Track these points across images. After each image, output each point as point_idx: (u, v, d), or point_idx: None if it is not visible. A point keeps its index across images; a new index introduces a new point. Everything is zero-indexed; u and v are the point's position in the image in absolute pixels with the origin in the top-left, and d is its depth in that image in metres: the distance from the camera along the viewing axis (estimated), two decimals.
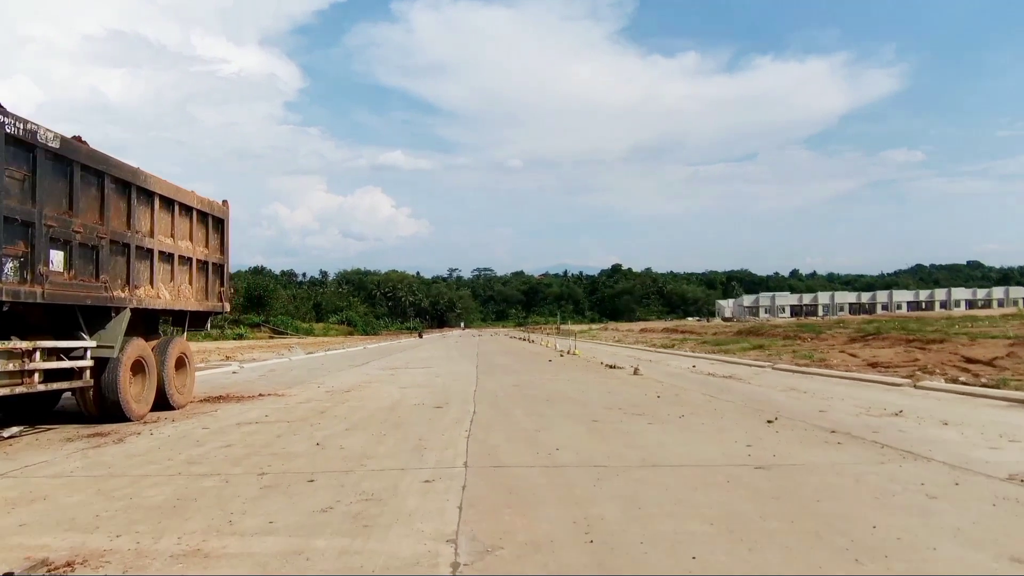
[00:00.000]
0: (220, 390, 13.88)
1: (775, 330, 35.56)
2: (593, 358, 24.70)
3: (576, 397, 11.51)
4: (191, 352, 11.32)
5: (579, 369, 18.68)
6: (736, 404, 10.18)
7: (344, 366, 22.33)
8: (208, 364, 24.50)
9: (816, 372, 15.77)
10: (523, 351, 32.43)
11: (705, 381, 14.52)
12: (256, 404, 11.25)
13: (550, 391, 12.61)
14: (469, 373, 17.84)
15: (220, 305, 12.33)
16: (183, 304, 10.85)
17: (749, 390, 12.31)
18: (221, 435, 7.96)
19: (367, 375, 17.81)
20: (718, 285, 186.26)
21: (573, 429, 7.99)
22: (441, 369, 19.70)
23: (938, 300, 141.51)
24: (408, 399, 11.57)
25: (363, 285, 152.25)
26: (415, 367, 20.97)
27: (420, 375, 17.33)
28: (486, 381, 15.04)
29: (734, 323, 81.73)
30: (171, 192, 10.44)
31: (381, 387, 14.02)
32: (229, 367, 22.31)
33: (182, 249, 10.84)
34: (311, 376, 17.78)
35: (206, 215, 11.80)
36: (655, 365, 20.12)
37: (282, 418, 9.36)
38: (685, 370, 17.97)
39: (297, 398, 12.10)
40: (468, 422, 8.63)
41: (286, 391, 13.47)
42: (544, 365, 20.99)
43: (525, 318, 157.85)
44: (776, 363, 18.78)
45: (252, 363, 25.55)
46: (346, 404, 10.97)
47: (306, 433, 8.00)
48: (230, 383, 15.91)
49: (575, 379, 15.31)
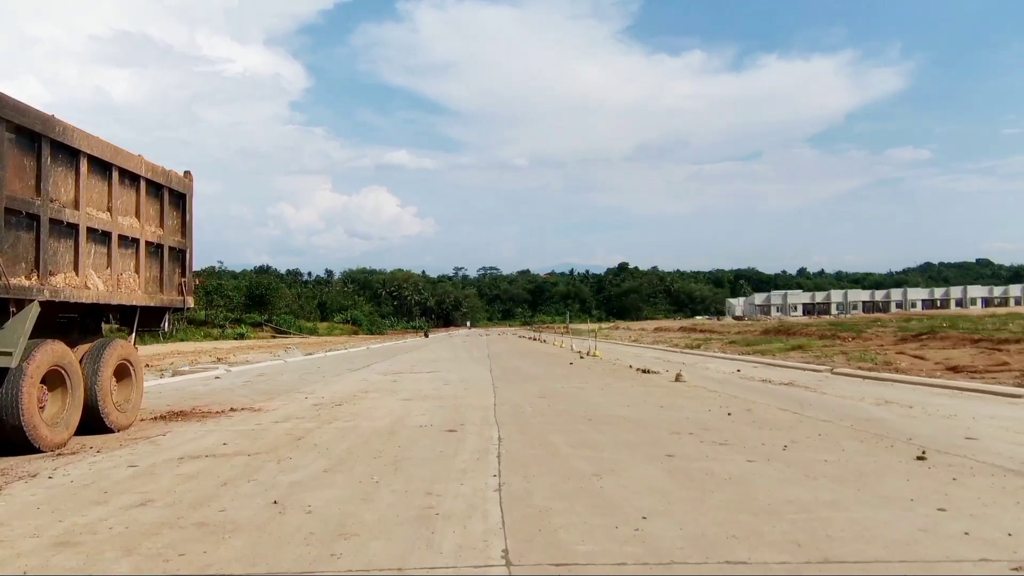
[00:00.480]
0: (188, 402, 11.55)
1: (806, 329, 33.08)
2: (617, 360, 22.31)
3: (624, 414, 9.13)
4: (138, 358, 8.97)
5: (608, 374, 16.29)
6: (838, 426, 7.78)
7: (342, 370, 19.98)
8: (193, 367, 22.21)
9: (894, 379, 13.34)
10: (537, 352, 30.06)
11: (766, 390, 12.14)
12: (220, 424, 8.90)
13: (588, 405, 10.23)
14: (483, 379, 15.47)
15: (180, 299, 9.99)
16: (125, 297, 8.50)
17: (833, 404, 9.90)
18: (145, 480, 5.61)
19: (365, 381, 15.45)
20: (726, 284, 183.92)
21: (645, 471, 5.61)
22: (450, 374, 17.33)
23: (953, 298, 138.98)
24: (412, 416, 9.20)
25: (368, 284, 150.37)
26: (421, 371, 18.61)
27: (426, 382, 14.96)
28: (505, 390, 12.67)
29: (754, 322, 79.15)
30: (107, 153, 8.09)
31: (380, 398, 11.66)
32: (214, 371, 20.00)
33: (124, 227, 8.49)
34: (302, 383, 15.44)
35: (160, 187, 9.45)
36: (692, 369, 17.71)
37: (243, 448, 7.00)
38: (731, 375, 15.57)
39: (275, 414, 9.75)
40: (494, 457, 6.25)
41: (265, 404, 11.12)
42: (566, 369, 18.60)
43: (531, 317, 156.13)
44: (834, 367, 16.34)
45: (242, 366, 23.24)
46: (333, 425, 8.61)
47: (267, 477, 5.64)
48: (205, 392, 13.58)
49: (610, 388, 12.93)
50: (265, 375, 18.38)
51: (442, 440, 7.26)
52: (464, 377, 16.12)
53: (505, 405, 10.33)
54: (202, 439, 7.67)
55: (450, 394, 12.17)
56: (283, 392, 13.16)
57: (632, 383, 13.84)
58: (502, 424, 8.34)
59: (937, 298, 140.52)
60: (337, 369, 20.31)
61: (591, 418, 8.78)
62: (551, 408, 9.92)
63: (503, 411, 9.58)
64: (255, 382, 15.92)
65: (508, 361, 23.23)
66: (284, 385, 14.89)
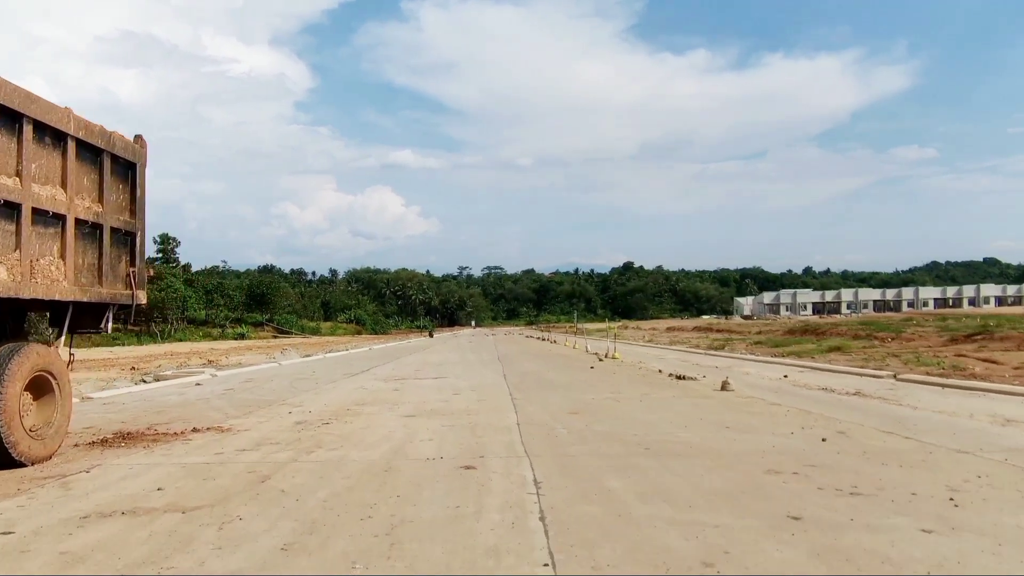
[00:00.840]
0: (149, 418, 9.60)
1: (836, 329, 31.01)
2: (640, 363, 20.32)
3: (687, 439, 7.12)
4: (63, 368, 6.99)
5: (639, 381, 14.28)
6: (986, 460, 5.77)
7: (339, 375, 18.02)
8: (179, 371, 20.28)
9: (982, 388, 11.31)
10: (550, 354, 28.06)
11: (837, 402, 10.15)
12: (171, 453, 6.93)
13: (634, 424, 8.21)
14: (497, 387, 13.48)
15: (128, 294, 8.02)
16: (43, 290, 6.53)
17: (941, 423, 7.89)
18: (2, 566, 3.65)
19: (363, 390, 13.47)
20: (731, 283, 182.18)
21: (780, 556, 3.61)
22: (460, 380, 15.34)
23: (966, 297, 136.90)
24: (416, 443, 7.21)
25: (373, 284, 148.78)
26: (426, 376, 16.63)
27: (433, 391, 12.98)
28: (527, 402, 10.67)
29: (770, 321, 76.98)
30: (14, 99, 6.12)
31: (377, 414, 9.67)
32: (198, 375, 18.07)
33: (41, 199, 6.52)
34: (291, 391, 13.47)
35: (99, 153, 7.48)
36: (729, 374, 15.70)
37: (182, 498, 5.02)
38: (780, 382, 13.58)
39: (245, 438, 7.78)
40: (536, 522, 4.25)
41: (239, 421, 9.16)
42: (588, 374, 16.60)
43: (536, 316, 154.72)
44: (897, 372, 14.30)
45: (233, 369, 21.29)
46: (314, 455, 6.62)
47: (191, 562, 3.67)
48: (176, 403, 11.64)
49: (650, 399, 10.92)
50: (253, 381, 16.43)
51: (458, 485, 5.25)
52: (476, 384, 14.13)
53: (532, 424, 8.33)
54: (134, 479, 5.70)
55: (461, 408, 10.19)
56: (265, 404, 11.19)
57: (673, 393, 11.84)
58: (534, 456, 6.34)
59: (949, 297, 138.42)
60: (333, 374, 18.34)
61: (647, 446, 6.77)
62: (590, 429, 7.92)
63: (531, 434, 7.58)
64: (238, 390, 13.96)
65: (521, 364, 21.24)
66: (269, 394, 12.93)
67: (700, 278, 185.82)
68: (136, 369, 24.48)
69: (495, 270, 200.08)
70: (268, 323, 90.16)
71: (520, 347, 36.85)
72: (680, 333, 48.25)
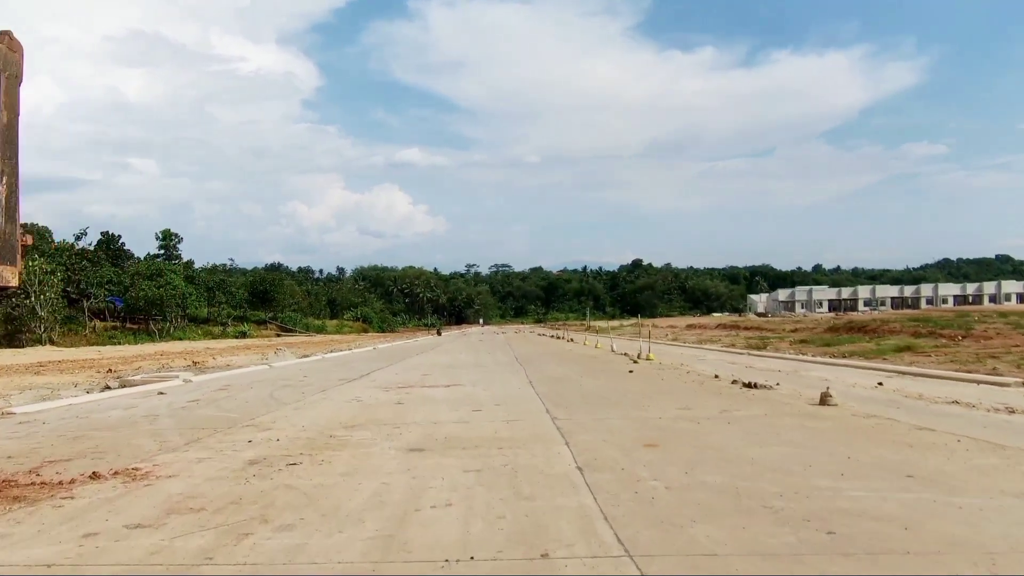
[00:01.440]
0: (49, 450, 6.84)
1: (888, 326, 27.98)
2: (683, 365, 17.48)
3: (879, 509, 4.24)
4: None
5: (701, 390, 11.41)
6: None
7: (333, 380, 15.24)
8: (150, 375, 17.56)
9: None
10: (572, 354, 25.24)
11: (990, 422, 7.33)
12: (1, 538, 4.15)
13: (758, 470, 5.34)
14: (527, 399, 10.67)
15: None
16: None
17: None
18: None
19: (357, 403, 10.67)
20: (741, 280, 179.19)
21: None
22: (478, 389, 12.52)
23: (986, 293, 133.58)
24: (425, 516, 4.36)
25: (380, 282, 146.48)
26: (436, 383, 13.83)
27: (445, 405, 10.17)
28: (576, 426, 7.80)
29: (804, 317, 73.88)
30: None
31: (369, 447, 6.83)
32: (169, 381, 15.33)
33: None
34: (266, 405, 10.70)
35: None
36: (800, 379, 12.83)
37: None
38: (877, 391, 10.82)
39: (155, 496, 4.98)
40: None
41: (169, 458, 6.36)
42: (628, 380, 13.76)
43: (545, 314, 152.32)
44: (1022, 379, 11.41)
45: (213, 373, 18.55)
46: (243, 549, 3.83)
47: None
48: (110, 424, 8.87)
49: (738, 419, 8.04)
50: (228, 389, 13.67)
51: None
52: (499, 396, 11.30)
53: (601, 470, 5.47)
54: None
55: (488, 434, 7.36)
56: (224, 427, 8.39)
57: (760, 409, 8.98)
58: (641, 555, 3.50)
59: (969, 294, 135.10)
60: (327, 379, 15.55)
61: (819, 524, 3.91)
62: (696, 481, 5.06)
63: (610, 494, 4.72)
64: (203, 403, 11.20)
65: (546, 367, 18.40)
66: (238, 409, 10.16)
67: (709, 276, 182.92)
68: (112, 371, 21.84)
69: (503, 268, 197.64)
70: (272, 321, 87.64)
71: (536, 346, 34.02)
72: (704, 331, 45.33)
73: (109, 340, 55.13)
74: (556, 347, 32.38)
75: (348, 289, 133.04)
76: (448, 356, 25.66)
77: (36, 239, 71.17)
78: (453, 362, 21.59)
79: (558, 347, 32.33)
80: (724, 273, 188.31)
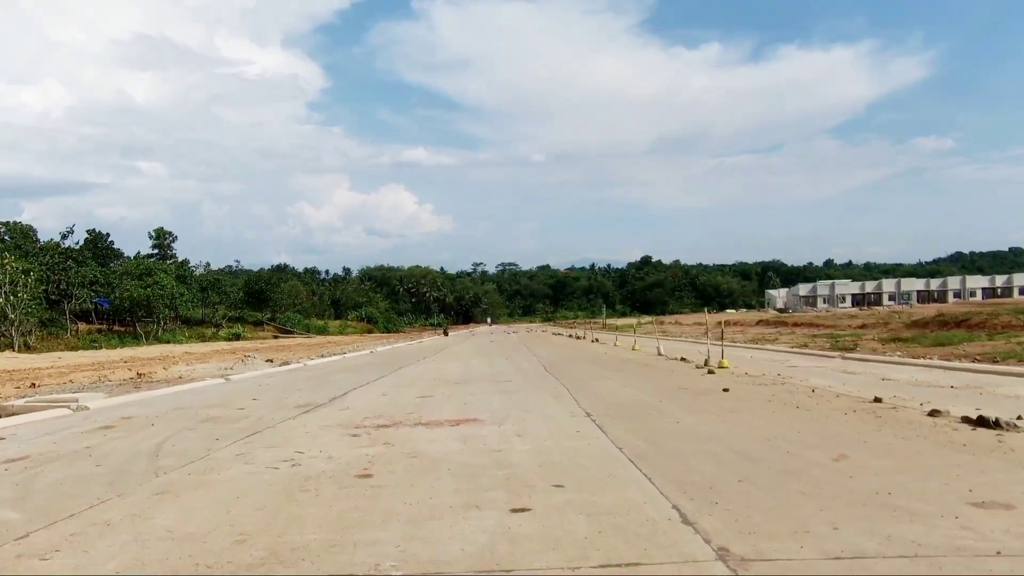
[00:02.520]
0: None
1: (997, 319, 22.90)
2: (780, 376, 12.49)
3: None
4: None
5: (916, 437, 6.41)
6: None
7: (279, 414, 10.29)
8: (37, 401, 12.63)
9: None
10: (606, 358, 20.26)
11: None
12: None
13: None
14: (603, 458, 5.68)
15: None
16: None
17: None
18: None
19: (293, 470, 5.72)
20: (753, 276, 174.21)
21: None
22: (509, 433, 7.52)
23: (1016, 286, 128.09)
24: None
25: (386, 281, 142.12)
26: (438, 415, 8.84)
27: (451, 484, 5.21)
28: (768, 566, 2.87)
29: (873, 312, 68.75)
30: None
31: None
32: (52, 410, 10.43)
33: None
34: (146, 471, 5.77)
35: None
36: (996, 402, 7.85)
37: None
38: None
39: None
40: None
41: None
42: (745, 411, 8.77)
43: (553, 312, 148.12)
44: None
45: (133, 394, 13.55)
46: None
47: None
48: None
49: None
50: (110, 431, 8.76)
51: None
52: (549, 451, 6.27)
53: None
54: None
55: None
56: None
57: None
58: None
59: (998, 286, 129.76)
60: (276, 409, 10.55)
61: None
62: None
63: None
64: (33, 464, 6.27)
65: (591, 381, 13.38)
66: (77, 486, 5.23)
67: (720, 272, 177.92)
68: (35, 387, 17.04)
69: (510, 266, 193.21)
70: (269, 322, 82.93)
71: (559, 348, 29.01)
72: (746, 329, 40.23)
73: (91, 344, 50.45)
74: (582, 349, 27.37)
75: (353, 289, 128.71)
76: (458, 363, 20.67)
77: (20, 238, 66.84)
78: (464, 372, 16.59)
79: (585, 349, 27.33)
80: (735, 269, 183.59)
